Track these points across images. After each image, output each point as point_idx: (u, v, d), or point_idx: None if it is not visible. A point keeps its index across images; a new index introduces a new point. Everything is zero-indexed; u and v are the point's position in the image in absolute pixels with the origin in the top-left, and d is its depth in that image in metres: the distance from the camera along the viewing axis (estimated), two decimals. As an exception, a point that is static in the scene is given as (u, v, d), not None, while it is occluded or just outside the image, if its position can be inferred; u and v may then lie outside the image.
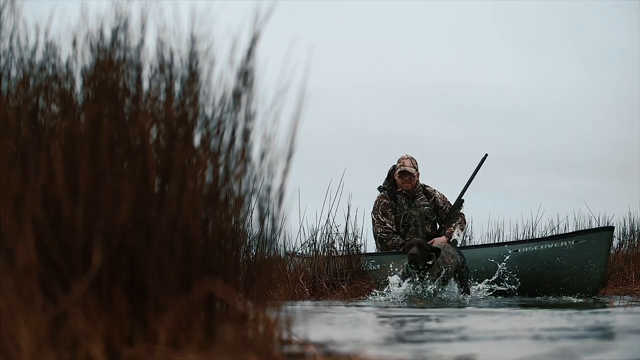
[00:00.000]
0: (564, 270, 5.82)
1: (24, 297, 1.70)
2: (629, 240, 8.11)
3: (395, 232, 6.92)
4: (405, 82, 14.52)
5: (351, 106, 14.19)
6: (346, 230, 7.15)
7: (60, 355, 1.68)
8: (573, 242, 5.85)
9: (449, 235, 6.78)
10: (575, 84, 14.53)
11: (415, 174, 6.95)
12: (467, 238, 8.49)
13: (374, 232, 7.06)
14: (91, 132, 1.89)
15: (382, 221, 6.95)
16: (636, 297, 5.95)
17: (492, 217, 10.15)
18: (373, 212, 7.06)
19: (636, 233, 8.20)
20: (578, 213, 9.25)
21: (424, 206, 6.97)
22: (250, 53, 2.01)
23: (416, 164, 7.04)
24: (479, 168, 6.91)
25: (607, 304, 4.59)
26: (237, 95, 2.01)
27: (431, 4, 14.01)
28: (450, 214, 6.96)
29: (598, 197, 14.09)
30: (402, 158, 7.02)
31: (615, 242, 8.16)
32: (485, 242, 7.96)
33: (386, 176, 7.15)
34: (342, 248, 7.05)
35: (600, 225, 7.20)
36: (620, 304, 4.17)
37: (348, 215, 7.28)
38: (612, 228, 5.97)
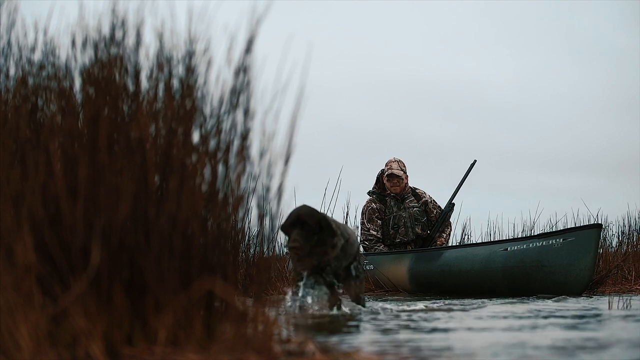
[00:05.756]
0: (553, 268, 5.81)
1: (23, 295, 1.70)
2: (627, 239, 8.11)
3: (379, 239, 6.97)
4: (402, 81, 14.54)
5: (347, 105, 14.22)
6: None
7: (59, 354, 1.68)
8: (561, 240, 5.83)
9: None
10: (574, 83, 14.56)
11: (404, 177, 7.00)
12: (466, 236, 8.51)
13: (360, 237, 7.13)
14: (90, 130, 1.89)
15: (367, 227, 7.01)
16: (636, 295, 5.95)
17: (491, 215, 10.21)
18: (361, 216, 7.12)
19: (635, 231, 8.20)
20: (577, 212, 9.27)
21: (413, 207, 7.01)
22: (248, 50, 2.01)
23: (404, 166, 7.07)
24: (468, 173, 7.08)
25: (605, 302, 4.59)
26: (235, 93, 2.01)
27: (424, 3, 14.03)
28: (440, 220, 7.00)
29: (598, 195, 14.11)
30: (390, 161, 7.07)
31: (614, 241, 8.18)
32: (476, 242, 7.96)
33: (375, 180, 7.18)
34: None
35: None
36: (620, 302, 4.17)
37: (347, 213, 7.31)
38: (600, 225, 5.95)
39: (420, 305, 4.41)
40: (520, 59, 14.84)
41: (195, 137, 1.98)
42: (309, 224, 3.60)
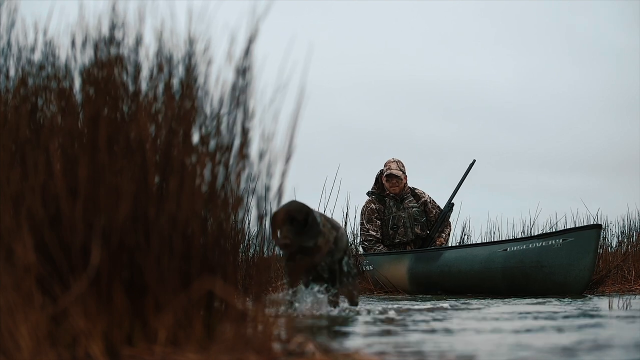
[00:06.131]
0: (552, 268, 5.81)
1: (23, 296, 1.70)
2: (627, 239, 8.11)
3: (378, 240, 6.97)
4: (402, 81, 14.54)
5: (347, 105, 14.22)
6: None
7: (59, 354, 1.68)
8: (561, 240, 5.83)
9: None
10: (574, 83, 14.57)
11: (403, 177, 7.00)
12: (466, 237, 8.51)
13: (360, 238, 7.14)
14: (90, 130, 1.89)
15: (366, 228, 7.02)
16: (636, 295, 5.95)
17: (491, 215, 10.22)
18: (360, 217, 7.13)
19: (635, 231, 8.20)
20: (577, 212, 9.28)
21: (412, 208, 7.02)
22: (247, 50, 2.01)
23: (403, 167, 7.08)
24: (467, 173, 7.09)
25: (605, 302, 4.59)
26: (235, 93, 2.01)
27: (424, 3, 14.04)
28: (440, 220, 7.01)
29: (598, 195, 14.12)
30: (389, 162, 7.07)
31: (614, 241, 8.18)
32: (476, 242, 7.96)
33: (374, 181, 7.19)
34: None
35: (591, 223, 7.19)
36: (620, 302, 4.17)
37: (347, 214, 7.31)
38: (600, 226, 5.95)
39: (421, 305, 4.41)
40: (520, 59, 14.84)
41: (195, 137, 1.98)
42: (298, 220, 3.54)
